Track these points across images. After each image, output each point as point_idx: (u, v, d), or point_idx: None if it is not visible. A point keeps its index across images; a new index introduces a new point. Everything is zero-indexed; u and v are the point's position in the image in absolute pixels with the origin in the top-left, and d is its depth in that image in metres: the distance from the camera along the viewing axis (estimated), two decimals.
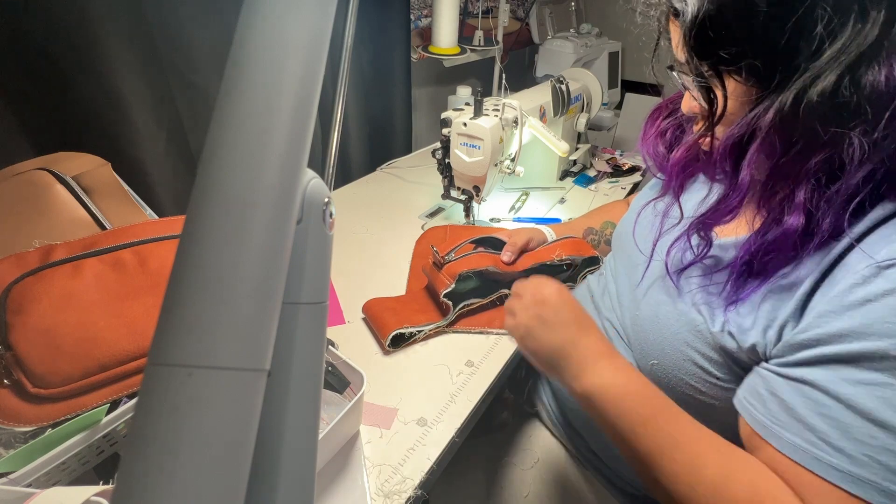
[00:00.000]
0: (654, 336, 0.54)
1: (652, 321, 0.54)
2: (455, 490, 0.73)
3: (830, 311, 0.38)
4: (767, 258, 0.44)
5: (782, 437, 0.40)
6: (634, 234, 0.66)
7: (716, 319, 0.47)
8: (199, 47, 0.87)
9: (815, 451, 0.37)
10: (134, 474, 0.16)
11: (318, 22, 0.19)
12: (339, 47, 0.85)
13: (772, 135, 0.41)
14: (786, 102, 0.39)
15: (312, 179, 0.23)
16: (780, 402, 0.41)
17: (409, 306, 0.75)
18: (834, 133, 0.38)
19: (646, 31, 0.53)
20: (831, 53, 0.37)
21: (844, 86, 0.37)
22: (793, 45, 0.38)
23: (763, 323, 0.44)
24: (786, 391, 0.40)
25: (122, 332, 0.50)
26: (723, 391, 0.48)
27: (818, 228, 0.40)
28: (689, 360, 0.49)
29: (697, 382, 0.49)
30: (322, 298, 0.25)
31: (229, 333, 0.17)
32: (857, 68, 0.36)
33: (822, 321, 0.39)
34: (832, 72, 0.37)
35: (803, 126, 0.39)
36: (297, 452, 0.25)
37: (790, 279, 0.42)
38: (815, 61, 0.38)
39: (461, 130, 0.86)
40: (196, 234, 0.17)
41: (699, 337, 0.48)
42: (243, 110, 0.18)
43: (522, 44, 1.82)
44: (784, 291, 0.43)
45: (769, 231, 0.43)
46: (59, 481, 0.45)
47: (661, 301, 0.54)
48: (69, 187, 0.62)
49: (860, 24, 0.36)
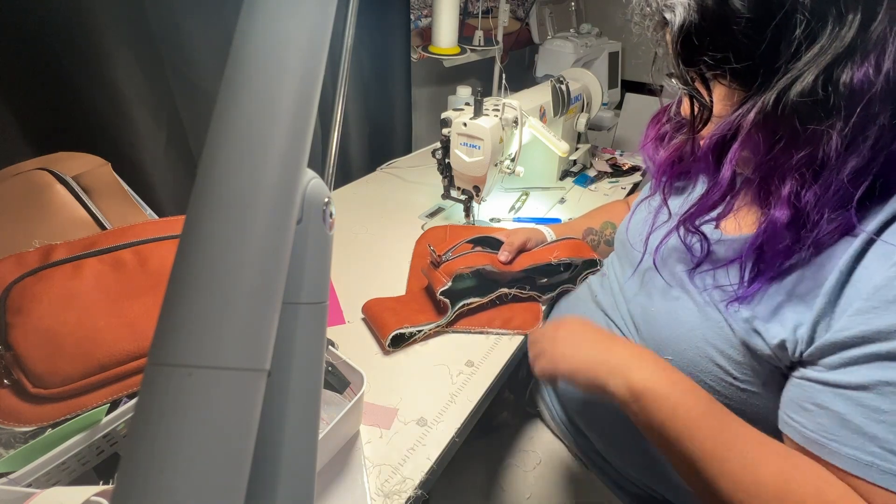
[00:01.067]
0: (668, 332, 0.54)
1: (667, 316, 0.55)
2: (455, 490, 0.73)
3: (872, 308, 0.38)
4: (767, 252, 0.45)
5: (840, 452, 0.38)
6: (628, 231, 0.68)
7: (738, 316, 0.47)
8: (199, 47, 0.87)
9: (881, 464, 0.36)
10: (134, 474, 0.16)
11: (318, 22, 0.19)
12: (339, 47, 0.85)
13: (754, 133, 0.43)
14: (768, 102, 0.41)
15: (312, 179, 0.23)
16: (830, 415, 0.39)
17: (409, 306, 0.75)
18: (813, 130, 0.40)
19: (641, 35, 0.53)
20: (810, 56, 0.39)
21: (821, 85, 0.38)
22: (773, 49, 0.40)
23: (792, 321, 0.43)
24: (836, 401, 0.39)
25: (122, 332, 0.50)
26: (738, 392, 0.48)
27: (810, 220, 0.41)
28: (706, 358, 0.49)
29: (713, 381, 0.49)
30: (322, 298, 0.25)
31: (229, 333, 0.17)
32: (834, 69, 0.38)
33: (864, 319, 0.38)
34: (810, 73, 0.39)
35: (784, 124, 0.41)
36: (297, 452, 0.25)
37: (811, 275, 0.43)
38: (794, 63, 0.39)
39: (461, 130, 0.86)
40: (196, 234, 0.17)
41: (719, 334, 0.48)
42: (243, 110, 0.18)
43: (522, 44, 1.82)
44: (809, 288, 0.43)
45: (765, 227, 0.44)
46: (59, 481, 0.45)
47: (678, 297, 0.54)
48: (69, 187, 0.62)
49: (837, 27, 0.38)
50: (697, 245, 0.52)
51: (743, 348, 0.47)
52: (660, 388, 0.45)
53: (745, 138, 0.43)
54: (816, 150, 0.40)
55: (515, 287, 0.76)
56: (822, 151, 0.40)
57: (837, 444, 0.38)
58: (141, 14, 0.76)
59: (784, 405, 0.44)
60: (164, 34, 0.81)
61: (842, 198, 0.40)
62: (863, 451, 0.36)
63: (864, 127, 0.38)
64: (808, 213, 0.41)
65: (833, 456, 0.38)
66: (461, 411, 0.60)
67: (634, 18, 0.51)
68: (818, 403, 0.40)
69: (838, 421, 0.38)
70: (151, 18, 0.78)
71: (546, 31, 1.79)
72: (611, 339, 0.53)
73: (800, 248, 0.43)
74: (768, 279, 0.45)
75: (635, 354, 0.49)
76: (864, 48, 0.37)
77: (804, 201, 0.41)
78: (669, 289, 0.56)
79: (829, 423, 0.39)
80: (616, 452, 0.64)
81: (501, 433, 0.79)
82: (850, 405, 0.38)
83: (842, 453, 0.38)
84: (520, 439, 0.76)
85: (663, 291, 0.57)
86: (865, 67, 0.37)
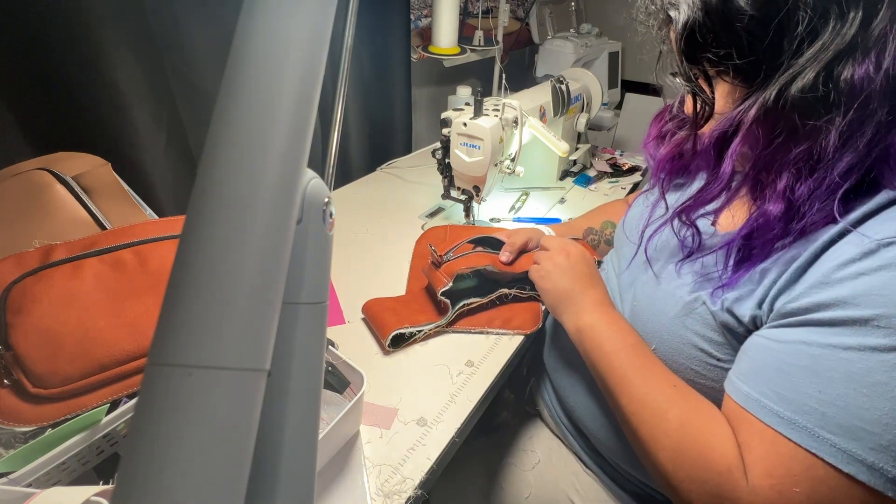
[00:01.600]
0: (651, 323, 0.55)
1: (649, 308, 0.56)
2: (455, 490, 0.73)
3: (822, 283, 0.40)
4: (755, 242, 0.46)
5: (742, 389, 0.43)
6: (624, 224, 0.70)
7: (715, 299, 0.49)
8: (199, 47, 0.87)
9: (767, 403, 0.41)
10: (134, 474, 0.16)
11: (318, 22, 0.19)
12: (339, 47, 0.85)
13: (755, 128, 0.44)
14: (769, 98, 0.41)
15: (312, 179, 0.23)
16: (749, 360, 0.44)
17: (410, 306, 0.75)
18: (812, 126, 0.40)
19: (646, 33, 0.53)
20: (811, 52, 0.39)
21: (822, 82, 0.39)
22: (775, 45, 0.41)
23: (759, 297, 0.45)
24: (758, 352, 0.44)
25: (122, 332, 0.50)
26: (723, 373, 0.49)
27: (799, 214, 0.42)
28: (689, 344, 0.51)
29: (698, 366, 0.50)
30: (322, 298, 0.25)
31: (229, 333, 0.17)
32: (835, 65, 0.39)
33: (813, 291, 0.41)
34: (811, 69, 0.39)
35: (784, 119, 0.42)
36: (297, 452, 0.25)
37: (785, 257, 0.44)
38: (795, 59, 0.40)
39: (461, 130, 0.86)
40: (196, 234, 0.17)
41: (698, 319, 0.50)
42: (243, 110, 0.18)
43: (522, 44, 1.82)
44: (780, 267, 0.44)
45: (756, 218, 0.46)
46: (59, 481, 0.45)
47: (656, 287, 0.56)
48: (69, 187, 0.62)
49: (839, 24, 0.38)
50: (690, 238, 0.53)
51: (722, 329, 0.48)
52: (598, 326, 0.57)
53: (745, 133, 0.44)
54: (814, 145, 0.41)
55: (516, 287, 0.76)
56: (820, 146, 0.40)
57: (741, 382, 0.44)
58: (141, 14, 0.76)
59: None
60: (164, 34, 0.81)
61: (832, 191, 0.41)
62: (757, 392, 0.42)
63: (862, 123, 0.39)
64: (799, 205, 0.42)
65: (734, 391, 0.44)
66: (461, 411, 0.60)
67: (639, 17, 0.52)
68: (745, 351, 0.46)
69: (754, 366, 0.44)
70: (151, 18, 0.78)
71: (546, 31, 1.79)
72: (591, 282, 0.62)
73: (786, 237, 0.44)
74: (752, 266, 0.47)
75: (596, 301, 0.60)
76: (864, 45, 0.38)
77: (797, 194, 0.42)
78: (656, 280, 0.57)
79: (746, 367, 0.45)
80: (616, 452, 0.64)
81: (501, 433, 0.79)
82: (766, 355, 0.43)
83: (742, 390, 0.43)
84: (520, 439, 0.76)
85: (650, 284, 0.58)
86: (866, 64, 0.38)
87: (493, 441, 0.77)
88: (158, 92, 0.82)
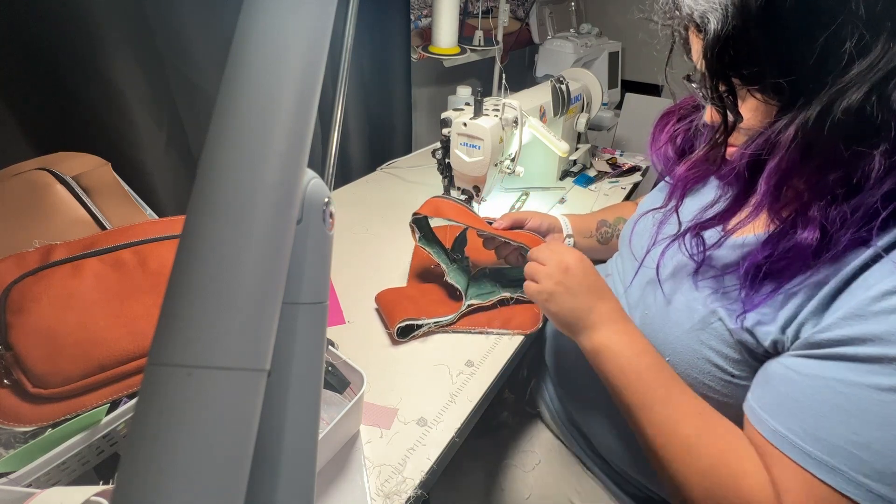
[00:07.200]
0: (664, 335, 0.54)
1: (662, 318, 0.55)
2: (455, 490, 0.73)
3: (857, 315, 0.38)
4: (780, 265, 0.43)
5: (768, 424, 0.42)
6: (632, 238, 0.67)
7: (733, 317, 0.47)
8: (199, 47, 0.87)
9: (794, 440, 0.39)
10: (134, 474, 0.16)
11: (318, 22, 0.19)
12: (339, 47, 0.85)
13: (793, 151, 0.40)
14: (809, 118, 0.38)
15: (312, 179, 0.23)
16: (773, 391, 0.43)
17: (428, 296, 0.76)
18: (855, 150, 0.37)
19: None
20: (860, 70, 0.36)
21: (871, 103, 0.36)
22: (821, 61, 0.37)
23: (783, 321, 0.44)
24: (783, 382, 0.42)
25: (122, 332, 0.50)
26: (738, 388, 0.48)
27: (834, 242, 0.40)
28: (703, 359, 0.50)
29: (712, 381, 0.49)
30: (322, 298, 0.25)
31: (229, 333, 0.17)
32: (886, 86, 0.36)
33: (846, 324, 0.38)
34: (859, 89, 0.36)
35: (826, 143, 0.38)
36: (297, 452, 0.25)
37: (812, 280, 0.42)
38: (840, 78, 0.37)
39: (461, 130, 0.86)
40: (196, 234, 0.17)
41: (714, 335, 0.49)
42: (243, 110, 0.18)
43: (522, 44, 1.82)
44: (806, 292, 0.42)
45: (781, 240, 0.43)
46: (59, 481, 0.45)
47: (671, 298, 0.55)
48: (69, 187, 0.62)
49: (891, 43, 0.35)
50: (691, 248, 0.51)
51: (739, 346, 0.47)
52: (615, 346, 0.53)
53: (782, 157, 0.40)
54: (854, 170, 0.38)
55: (518, 293, 0.76)
56: (861, 171, 0.38)
57: (767, 416, 0.42)
58: (141, 14, 0.76)
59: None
60: (164, 34, 0.81)
61: (870, 218, 0.39)
62: (786, 428, 0.40)
63: None
64: (832, 234, 0.40)
65: (761, 425, 0.43)
66: (461, 411, 0.60)
67: (654, 18, 0.49)
68: (768, 381, 0.44)
69: (779, 399, 0.42)
70: (151, 18, 0.78)
71: (546, 31, 1.79)
72: (599, 296, 0.57)
73: (817, 264, 0.42)
74: (776, 291, 0.44)
75: (609, 317, 0.56)
76: None
77: (830, 220, 0.40)
78: (671, 292, 0.56)
79: (772, 400, 0.43)
80: (616, 454, 0.64)
81: (501, 433, 0.79)
82: (793, 388, 0.41)
83: (769, 425, 0.42)
84: (520, 439, 0.76)
85: (663, 296, 0.56)
86: None
87: (494, 442, 0.77)
88: (158, 92, 0.82)
